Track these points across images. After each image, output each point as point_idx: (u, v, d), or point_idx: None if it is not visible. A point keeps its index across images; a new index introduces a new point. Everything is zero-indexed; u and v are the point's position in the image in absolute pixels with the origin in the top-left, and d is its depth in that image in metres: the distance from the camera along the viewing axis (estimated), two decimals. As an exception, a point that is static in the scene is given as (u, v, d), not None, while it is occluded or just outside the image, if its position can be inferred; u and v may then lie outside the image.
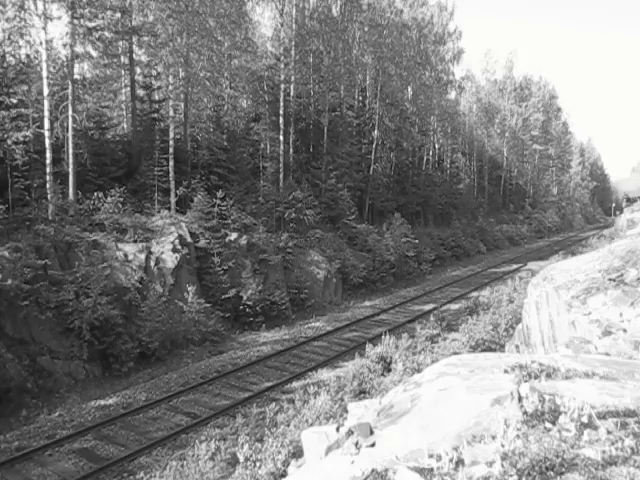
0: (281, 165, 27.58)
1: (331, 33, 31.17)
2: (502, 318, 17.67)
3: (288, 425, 10.25)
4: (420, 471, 2.73)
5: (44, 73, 18.15)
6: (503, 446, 2.80)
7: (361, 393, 12.48)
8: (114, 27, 20.29)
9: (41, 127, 18.22)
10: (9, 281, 13.38)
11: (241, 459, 7.85)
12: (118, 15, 20.46)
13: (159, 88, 25.95)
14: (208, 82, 25.71)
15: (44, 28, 17.82)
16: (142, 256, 17.64)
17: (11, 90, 18.66)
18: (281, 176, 27.36)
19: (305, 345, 17.85)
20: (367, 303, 24.73)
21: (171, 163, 22.04)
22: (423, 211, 40.75)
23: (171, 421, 12.12)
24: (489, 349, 14.84)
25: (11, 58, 20.04)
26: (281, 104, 27.71)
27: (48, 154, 17.86)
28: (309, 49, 30.15)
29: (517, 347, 10.00)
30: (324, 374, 14.90)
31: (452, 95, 52.04)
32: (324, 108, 30.81)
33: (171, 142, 22.25)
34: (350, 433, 3.68)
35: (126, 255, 17.38)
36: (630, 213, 35.00)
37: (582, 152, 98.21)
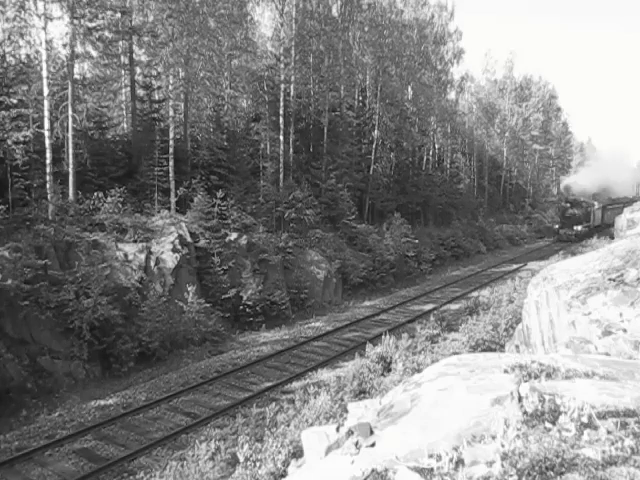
0: (281, 165, 27.57)
1: (331, 33, 31.14)
2: (502, 318, 17.66)
3: (288, 425, 10.25)
4: (420, 471, 2.73)
5: (44, 73, 18.15)
6: (503, 446, 2.80)
7: (361, 393, 12.48)
8: (114, 27, 20.31)
9: (41, 127, 18.22)
10: (9, 281, 13.38)
11: (241, 459, 7.85)
12: (118, 15, 20.46)
13: (159, 88, 25.95)
14: (208, 82, 25.72)
15: (44, 28, 17.82)
16: (142, 256, 17.63)
17: (11, 90, 18.66)
18: (281, 176, 27.36)
19: (305, 345, 17.85)
20: (367, 303, 24.72)
21: (171, 163, 22.04)
22: (423, 211, 40.73)
23: (171, 421, 12.12)
24: (489, 349, 14.83)
25: (11, 58, 20.07)
26: (281, 104, 27.71)
27: (48, 154, 17.86)
28: (309, 49, 30.14)
29: (517, 347, 9.99)
30: (324, 374, 14.89)
31: (452, 95, 52.06)
32: (324, 108, 30.81)
33: (171, 142, 22.25)
34: (350, 433, 3.68)
35: (126, 255, 17.38)
36: (630, 213, 34.84)
37: (582, 152, 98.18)
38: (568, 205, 49.25)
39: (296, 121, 29.44)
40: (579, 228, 46.77)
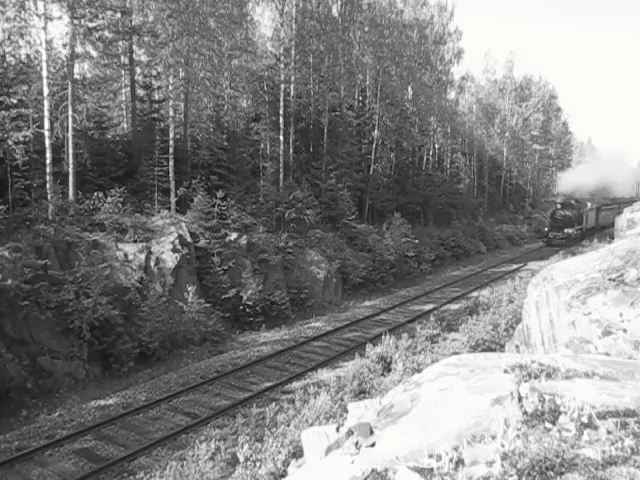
0: (281, 165, 27.58)
1: (331, 33, 31.15)
2: (502, 318, 17.66)
3: (288, 425, 10.25)
4: (420, 471, 2.74)
5: (44, 73, 18.15)
6: (503, 446, 2.80)
7: (361, 393, 12.48)
8: (114, 27, 20.30)
9: (41, 127, 18.22)
10: (9, 281, 13.38)
11: (241, 459, 7.85)
12: (118, 15, 20.45)
13: (159, 88, 25.95)
14: (208, 82, 25.72)
15: (44, 28, 17.82)
16: (142, 256, 17.63)
17: (11, 90, 18.66)
18: (281, 176, 27.36)
19: (305, 345, 17.85)
20: (367, 303, 24.72)
21: (171, 163, 22.04)
22: (423, 211, 40.72)
23: (171, 421, 12.12)
24: (489, 349, 14.83)
25: (11, 58, 20.07)
26: (281, 104, 27.72)
27: (48, 154, 17.86)
28: (309, 49, 30.14)
29: (517, 347, 9.98)
30: (324, 374, 14.90)
31: (452, 95, 52.06)
32: (324, 108, 30.81)
33: (171, 142, 22.24)
34: (350, 433, 3.68)
35: (126, 255, 17.38)
36: (630, 213, 34.63)
37: (582, 152, 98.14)
38: (559, 206, 45.70)
39: (296, 121, 29.44)
40: (570, 231, 43.39)
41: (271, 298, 20.58)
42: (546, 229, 45.88)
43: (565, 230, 43.36)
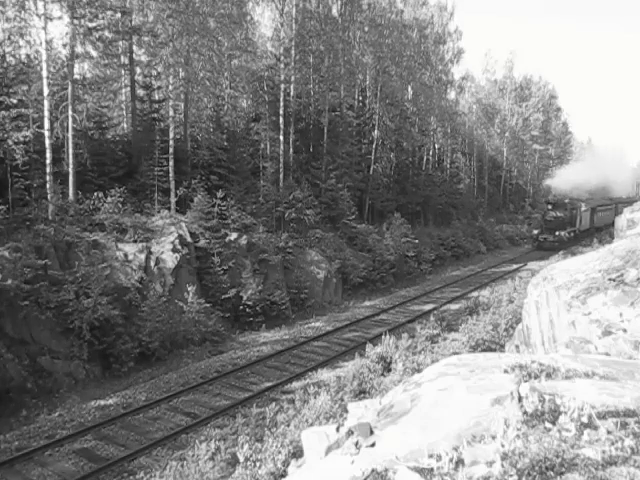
0: (281, 165, 27.58)
1: (331, 33, 31.16)
2: (502, 318, 17.67)
3: (288, 425, 10.25)
4: (420, 471, 2.73)
5: (44, 73, 18.15)
6: (503, 446, 2.80)
7: (361, 393, 12.48)
8: (114, 27, 20.30)
9: (41, 127, 18.22)
10: (9, 281, 13.38)
11: (241, 459, 7.85)
12: (118, 15, 20.46)
13: (159, 88, 25.95)
14: (208, 82, 25.73)
15: (44, 28, 17.82)
16: (142, 256, 17.63)
17: (11, 90, 18.66)
18: (281, 176, 27.36)
19: (305, 345, 17.85)
20: (367, 303, 24.72)
21: (171, 163, 22.04)
22: (423, 211, 40.72)
23: (171, 421, 12.12)
24: (489, 349, 14.83)
25: (11, 58, 20.07)
26: (281, 104, 27.72)
27: (48, 154, 17.86)
28: (309, 49, 30.15)
29: (517, 347, 9.98)
30: (324, 374, 14.89)
31: (452, 95, 52.07)
32: (324, 108, 30.81)
33: (171, 142, 22.25)
34: (350, 433, 3.68)
35: (126, 255, 17.38)
36: (630, 213, 34.51)
37: (582, 152, 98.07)
38: (549, 207, 42.24)
39: (296, 121, 29.44)
40: (562, 233, 40.23)
41: (271, 298, 20.58)
42: (536, 231, 42.56)
43: (557, 232, 40.52)
